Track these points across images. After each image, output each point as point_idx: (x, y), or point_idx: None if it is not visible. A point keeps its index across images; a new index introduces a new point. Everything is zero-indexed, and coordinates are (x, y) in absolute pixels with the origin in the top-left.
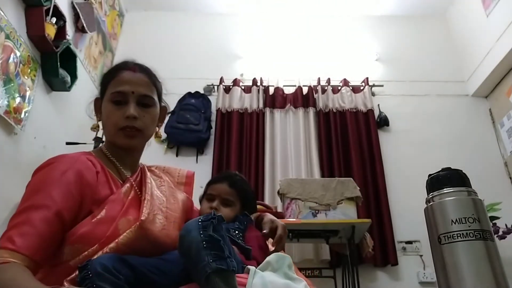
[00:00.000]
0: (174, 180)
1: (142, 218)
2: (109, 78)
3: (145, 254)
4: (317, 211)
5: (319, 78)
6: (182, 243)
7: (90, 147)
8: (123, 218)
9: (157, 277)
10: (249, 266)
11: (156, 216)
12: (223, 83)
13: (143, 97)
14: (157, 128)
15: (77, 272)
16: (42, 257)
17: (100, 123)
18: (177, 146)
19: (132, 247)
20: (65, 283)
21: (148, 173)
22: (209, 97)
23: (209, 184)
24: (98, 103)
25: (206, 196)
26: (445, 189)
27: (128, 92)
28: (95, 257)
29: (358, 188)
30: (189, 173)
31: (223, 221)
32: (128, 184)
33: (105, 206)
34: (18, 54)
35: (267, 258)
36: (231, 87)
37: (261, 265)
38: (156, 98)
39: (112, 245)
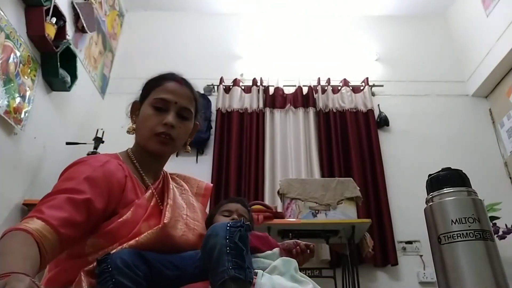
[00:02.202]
0: (192, 190)
1: (165, 221)
2: (154, 84)
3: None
4: (317, 211)
5: (319, 78)
6: (206, 243)
7: (90, 147)
8: (145, 222)
9: (171, 272)
10: (255, 270)
11: (177, 222)
12: (223, 83)
13: (184, 110)
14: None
15: (95, 263)
16: (67, 235)
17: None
18: None
19: (150, 248)
20: (82, 274)
21: (171, 180)
22: (209, 97)
23: (221, 205)
24: (135, 106)
25: (222, 214)
26: (445, 189)
27: (171, 101)
28: (114, 251)
29: (358, 188)
30: (207, 186)
31: (250, 231)
32: (150, 191)
33: (131, 208)
34: (18, 54)
35: (273, 263)
36: (231, 87)
37: (267, 269)
38: (193, 113)
39: (131, 242)
